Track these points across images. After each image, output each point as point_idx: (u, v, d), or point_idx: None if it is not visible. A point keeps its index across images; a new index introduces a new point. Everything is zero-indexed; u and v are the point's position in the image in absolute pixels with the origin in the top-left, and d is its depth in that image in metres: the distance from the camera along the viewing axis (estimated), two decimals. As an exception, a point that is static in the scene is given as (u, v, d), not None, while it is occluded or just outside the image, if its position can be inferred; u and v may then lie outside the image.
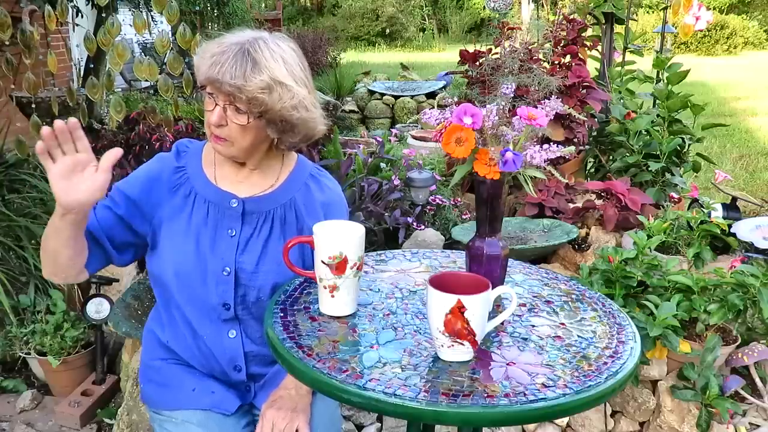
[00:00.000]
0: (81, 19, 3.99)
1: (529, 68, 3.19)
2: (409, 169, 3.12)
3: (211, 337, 1.38)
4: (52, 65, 2.46)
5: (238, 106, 1.25)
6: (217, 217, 1.36)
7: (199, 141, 1.45)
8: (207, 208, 1.35)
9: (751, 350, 2.14)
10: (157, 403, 1.46)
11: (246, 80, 1.21)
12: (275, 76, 1.24)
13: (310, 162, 1.48)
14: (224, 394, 1.41)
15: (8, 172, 3.03)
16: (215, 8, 5.54)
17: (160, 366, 1.45)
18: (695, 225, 2.43)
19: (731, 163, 5.78)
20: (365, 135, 4.63)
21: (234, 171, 1.39)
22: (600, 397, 0.96)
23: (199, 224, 1.35)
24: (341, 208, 1.46)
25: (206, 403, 1.40)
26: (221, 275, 1.34)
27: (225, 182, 1.38)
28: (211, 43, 1.29)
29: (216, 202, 1.36)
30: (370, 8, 19.95)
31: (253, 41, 1.25)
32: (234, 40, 1.26)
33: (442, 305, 0.99)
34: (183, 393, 1.42)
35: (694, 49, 17.32)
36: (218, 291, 1.34)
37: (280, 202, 1.39)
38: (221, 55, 1.23)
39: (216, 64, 1.23)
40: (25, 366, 2.62)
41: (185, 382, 1.42)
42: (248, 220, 1.36)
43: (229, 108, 1.26)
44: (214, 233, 1.35)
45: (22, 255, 2.57)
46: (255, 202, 1.37)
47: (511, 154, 1.11)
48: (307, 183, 1.43)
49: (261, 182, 1.39)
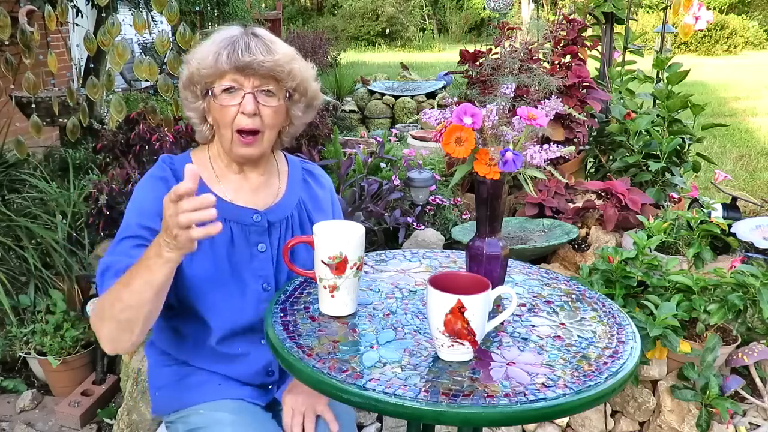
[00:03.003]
0: (81, 19, 3.99)
1: (529, 68, 3.19)
2: (409, 169, 3.12)
3: (243, 352, 1.33)
4: (52, 65, 2.46)
5: (269, 89, 1.23)
6: (243, 234, 1.30)
7: (176, 156, 1.36)
8: (230, 228, 1.29)
9: (751, 350, 2.14)
10: (177, 404, 1.36)
11: (275, 54, 1.20)
12: (290, 50, 1.25)
13: (293, 156, 1.47)
14: (251, 390, 1.36)
15: (8, 172, 3.03)
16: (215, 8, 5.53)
17: (170, 371, 1.39)
18: (695, 225, 2.43)
19: (731, 163, 5.78)
20: (365, 135, 4.63)
21: (242, 182, 1.34)
22: (600, 397, 0.96)
23: (227, 245, 1.29)
24: (337, 198, 1.49)
25: (237, 394, 1.34)
26: (262, 292, 1.31)
27: (238, 196, 1.33)
28: (202, 45, 1.25)
29: (236, 219, 1.30)
30: (370, 8, 19.96)
31: (247, 30, 1.24)
32: (230, 32, 1.24)
33: (442, 305, 0.99)
34: (208, 387, 1.34)
35: (694, 49, 17.32)
36: (259, 309, 1.30)
37: (292, 205, 1.38)
38: (233, 45, 1.20)
39: (236, 51, 1.19)
40: (25, 366, 2.62)
41: (209, 378, 1.35)
42: (274, 233, 1.34)
43: (259, 95, 1.23)
44: (245, 251, 1.30)
45: (22, 255, 2.57)
46: (274, 212, 1.34)
47: (511, 154, 1.11)
48: (305, 179, 1.43)
49: (271, 189, 1.37)
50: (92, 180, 3.03)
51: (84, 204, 2.85)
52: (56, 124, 3.22)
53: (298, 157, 1.49)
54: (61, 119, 3.03)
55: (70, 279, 2.65)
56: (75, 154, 3.59)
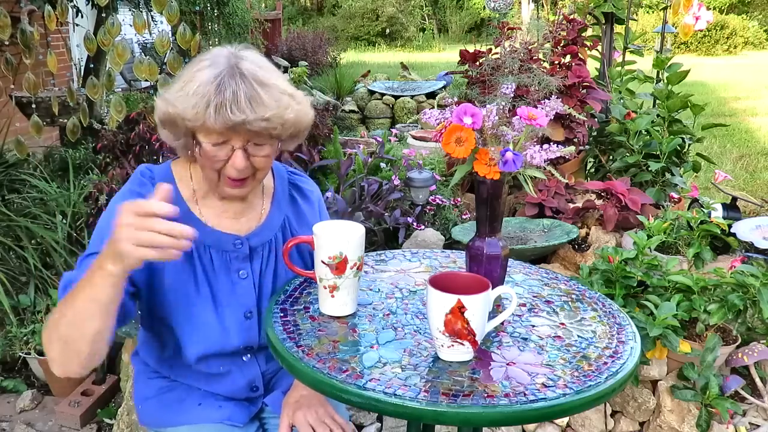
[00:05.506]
0: (81, 19, 3.99)
1: (529, 68, 3.19)
2: (409, 169, 3.12)
3: (225, 371, 1.31)
4: (52, 65, 2.46)
5: (257, 141, 1.14)
6: (223, 260, 1.25)
7: (156, 166, 1.29)
8: (209, 254, 1.24)
9: (751, 350, 2.14)
10: (159, 421, 1.35)
11: (267, 109, 1.09)
12: (281, 87, 1.14)
13: (281, 165, 1.39)
14: (233, 408, 1.33)
15: (8, 172, 3.03)
16: (215, 8, 5.53)
17: (157, 383, 1.37)
18: (695, 225, 2.43)
19: (731, 163, 5.78)
20: (365, 135, 4.63)
21: (223, 206, 1.27)
22: (600, 397, 0.96)
23: (208, 272, 1.24)
24: (324, 205, 1.44)
25: (216, 417, 1.31)
26: (244, 320, 1.27)
27: (219, 221, 1.27)
28: (183, 84, 1.12)
29: (217, 246, 1.25)
30: (370, 8, 19.97)
31: (231, 62, 1.11)
32: (210, 73, 1.10)
33: (442, 305, 0.99)
34: (188, 408, 1.33)
35: (694, 49, 17.33)
36: (241, 336, 1.27)
37: (276, 226, 1.32)
38: (220, 94, 1.08)
39: (224, 106, 1.08)
40: (25, 366, 2.62)
41: (188, 397, 1.34)
42: (255, 257, 1.29)
43: (249, 147, 1.14)
44: (226, 278, 1.25)
45: (22, 255, 2.57)
46: (257, 236, 1.29)
47: (511, 154, 1.11)
48: (292, 195, 1.37)
49: (252, 212, 1.31)
50: (92, 180, 3.03)
51: (84, 204, 2.85)
52: (56, 124, 3.22)
53: (285, 165, 1.42)
54: (61, 119, 3.03)
55: (70, 279, 2.65)
56: (75, 154, 3.59)
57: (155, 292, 1.24)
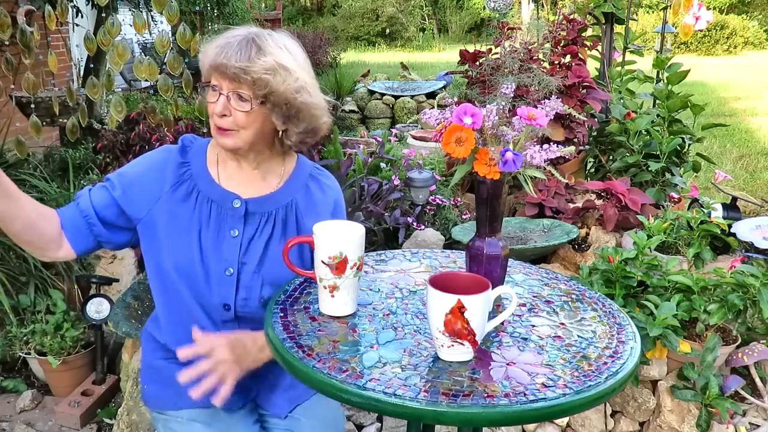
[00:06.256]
0: (81, 19, 3.99)
1: (529, 68, 3.19)
2: (409, 169, 3.12)
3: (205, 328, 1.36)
4: (52, 65, 2.46)
5: (241, 93, 1.26)
6: (220, 216, 1.35)
7: (204, 139, 1.45)
8: (210, 208, 1.35)
9: (751, 350, 2.14)
10: (159, 404, 1.45)
11: (251, 62, 1.24)
12: (279, 60, 1.26)
13: (309, 162, 1.48)
14: None
15: (8, 172, 3.02)
16: (215, 8, 5.54)
17: (160, 366, 1.44)
18: (695, 225, 2.43)
19: (731, 163, 5.78)
20: (365, 135, 4.63)
21: (237, 171, 1.39)
22: (600, 397, 0.96)
23: (202, 223, 1.35)
24: (343, 206, 1.48)
25: (210, 401, 1.37)
26: (224, 276, 1.34)
27: (229, 182, 1.37)
28: (215, 38, 1.31)
29: (219, 201, 1.35)
30: (370, 8, 19.96)
31: (258, 32, 1.29)
32: (239, 32, 1.29)
33: (442, 305, 0.99)
34: (186, 392, 1.38)
35: (694, 49, 17.33)
36: (220, 291, 1.34)
37: (281, 203, 1.39)
38: (226, 45, 1.26)
39: (222, 51, 1.25)
40: (25, 366, 2.62)
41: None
42: (250, 221, 1.36)
43: (232, 97, 1.27)
44: (216, 233, 1.35)
45: (22, 255, 2.57)
46: (257, 203, 1.37)
47: (511, 154, 1.11)
48: (308, 184, 1.43)
49: (264, 183, 1.39)
50: (92, 180, 3.03)
51: (84, 204, 2.84)
52: (56, 124, 3.22)
53: (313, 162, 1.50)
54: (61, 119, 3.03)
55: (70, 279, 2.66)
56: (75, 154, 3.59)
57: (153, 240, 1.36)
